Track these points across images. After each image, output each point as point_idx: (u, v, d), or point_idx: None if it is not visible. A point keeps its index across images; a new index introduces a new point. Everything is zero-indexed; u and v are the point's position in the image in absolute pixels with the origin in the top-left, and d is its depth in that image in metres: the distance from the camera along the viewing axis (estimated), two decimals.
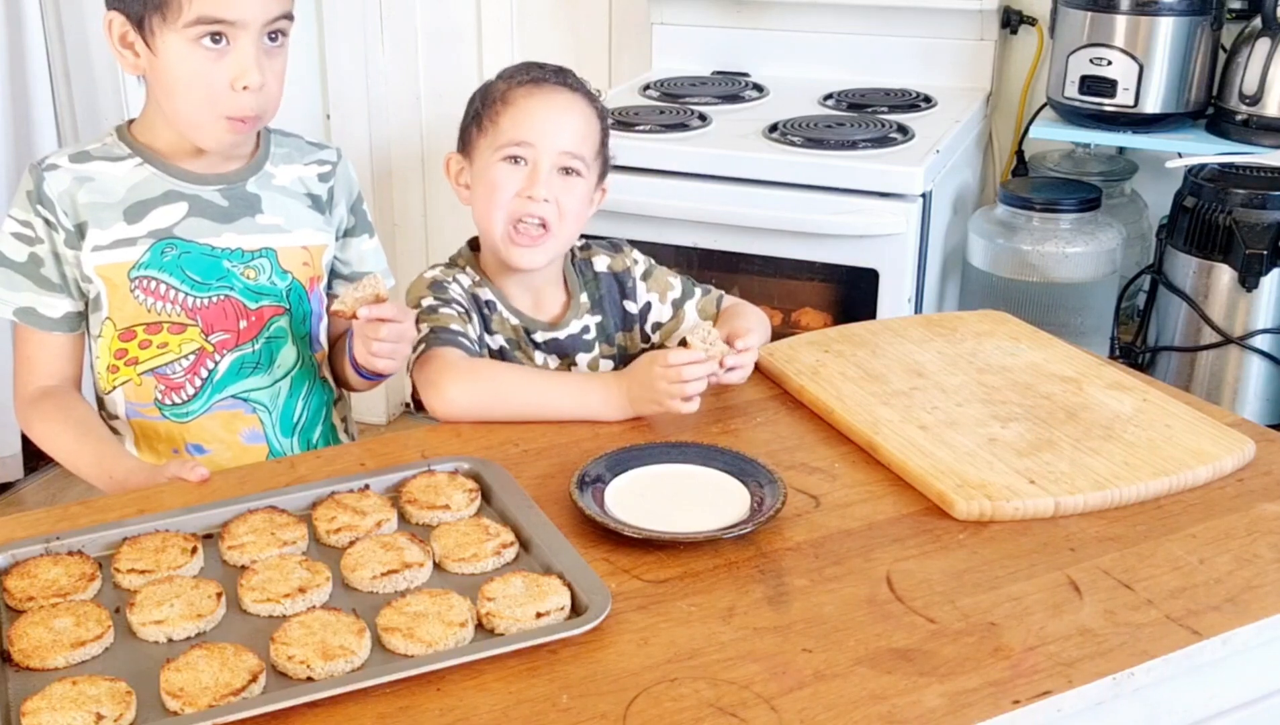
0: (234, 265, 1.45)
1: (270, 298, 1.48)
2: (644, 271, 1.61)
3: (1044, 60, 2.57)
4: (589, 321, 1.57)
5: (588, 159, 1.50)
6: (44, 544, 1.13)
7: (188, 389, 1.46)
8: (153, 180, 1.43)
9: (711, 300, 1.61)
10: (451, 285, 1.51)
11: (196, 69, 1.34)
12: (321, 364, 1.57)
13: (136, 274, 1.42)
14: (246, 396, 1.49)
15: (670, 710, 0.94)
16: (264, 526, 1.16)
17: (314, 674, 0.97)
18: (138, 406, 1.46)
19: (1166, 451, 1.30)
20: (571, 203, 1.48)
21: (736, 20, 2.76)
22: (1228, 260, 2.12)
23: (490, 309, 1.52)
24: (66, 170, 1.42)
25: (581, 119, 1.50)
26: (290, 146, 1.53)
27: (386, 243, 1.63)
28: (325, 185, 1.54)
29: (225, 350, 1.46)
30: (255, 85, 1.35)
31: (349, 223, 1.58)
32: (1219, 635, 1.03)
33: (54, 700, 0.93)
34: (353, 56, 3.02)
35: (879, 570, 1.12)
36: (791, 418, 1.43)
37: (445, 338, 1.44)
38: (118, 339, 1.44)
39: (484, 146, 1.50)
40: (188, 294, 1.43)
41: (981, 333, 1.61)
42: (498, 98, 1.50)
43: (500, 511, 1.21)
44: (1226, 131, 2.29)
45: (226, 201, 1.46)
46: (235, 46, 1.34)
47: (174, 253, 1.42)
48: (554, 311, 1.57)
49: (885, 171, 2.16)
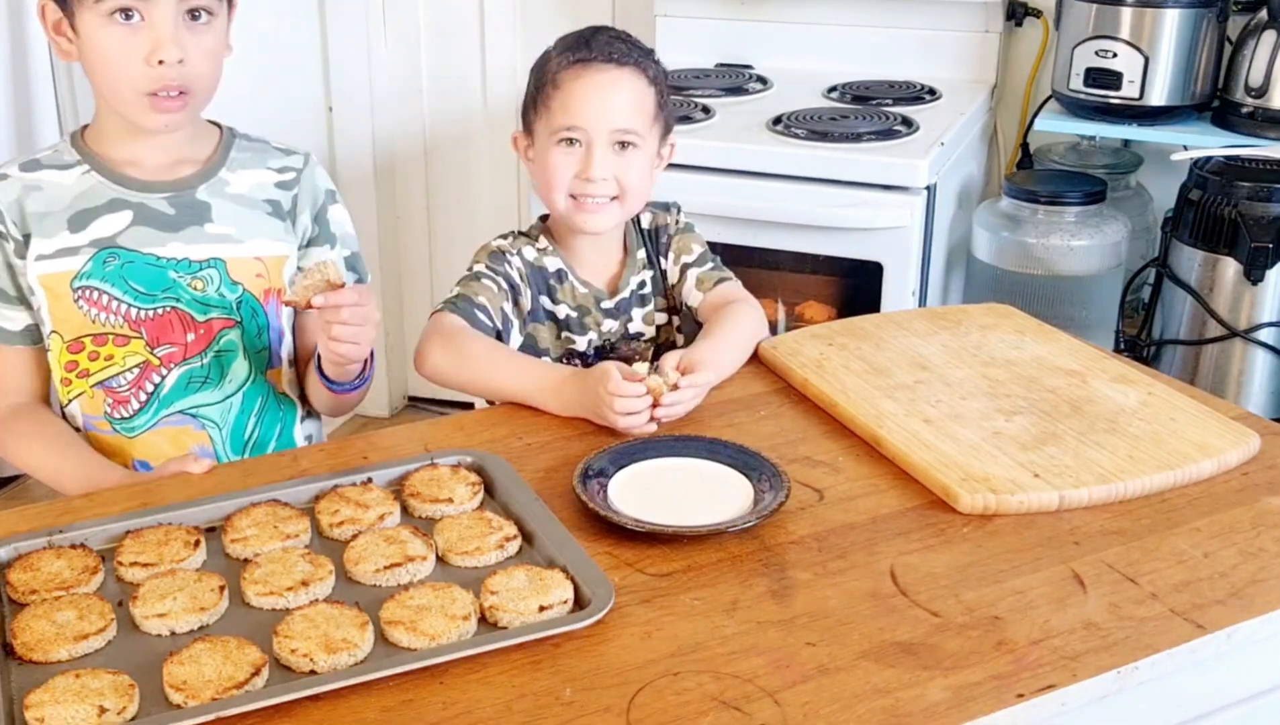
0: (180, 276, 1.42)
1: (219, 310, 1.44)
2: (677, 230, 1.64)
3: (1049, 52, 2.57)
4: (645, 276, 1.62)
5: (642, 130, 1.52)
6: (47, 537, 1.13)
7: (133, 403, 1.43)
8: (99, 188, 1.41)
9: (711, 278, 1.60)
10: (512, 257, 1.55)
11: (113, 45, 1.33)
12: (279, 381, 1.52)
13: (79, 284, 1.39)
14: (195, 412, 1.45)
15: (673, 704, 0.94)
16: (267, 520, 1.16)
17: (317, 667, 0.97)
18: (92, 419, 1.45)
19: (1171, 445, 1.29)
20: (630, 175, 1.51)
21: (740, 12, 2.75)
22: (1233, 253, 2.11)
23: (560, 280, 1.57)
24: (16, 180, 1.41)
25: (629, 93, 1.51)
26: (253, 151, 1.50)
27: (389, 235, 1.62)
28: (288, 192, 1.49)
29: (172, 363, 1.43)
30: (171, 59, 1.33)
31: (312, 232, 1.52)
32: (1223, 629, 1.03)
33: (57, 693, 0.93)
34: (355, 49, 3.01)
35: (883, 564, 1.12)
36: (795, 411, 1.42)
37: (459, 306, 1.49)
38: (66, 351, 1.42)
39: (541, 129, 1.53)
40: (130, 305, 1.40)
41: (986, 326, 1.61)
42: (549, 80, 1.51)
43: (503, 505, 1.21)
44: (1232, 124, 2.29)
45: (174, 210, 1.42)
46: (149, 22, 1.33)
47: (116, 262, 1.39)
48: (614, 270, 1.61)
49: (889, 164, 2.15)
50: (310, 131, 3.04)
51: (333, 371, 1.41)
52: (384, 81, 3.04)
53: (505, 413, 1.41)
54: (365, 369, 1.44)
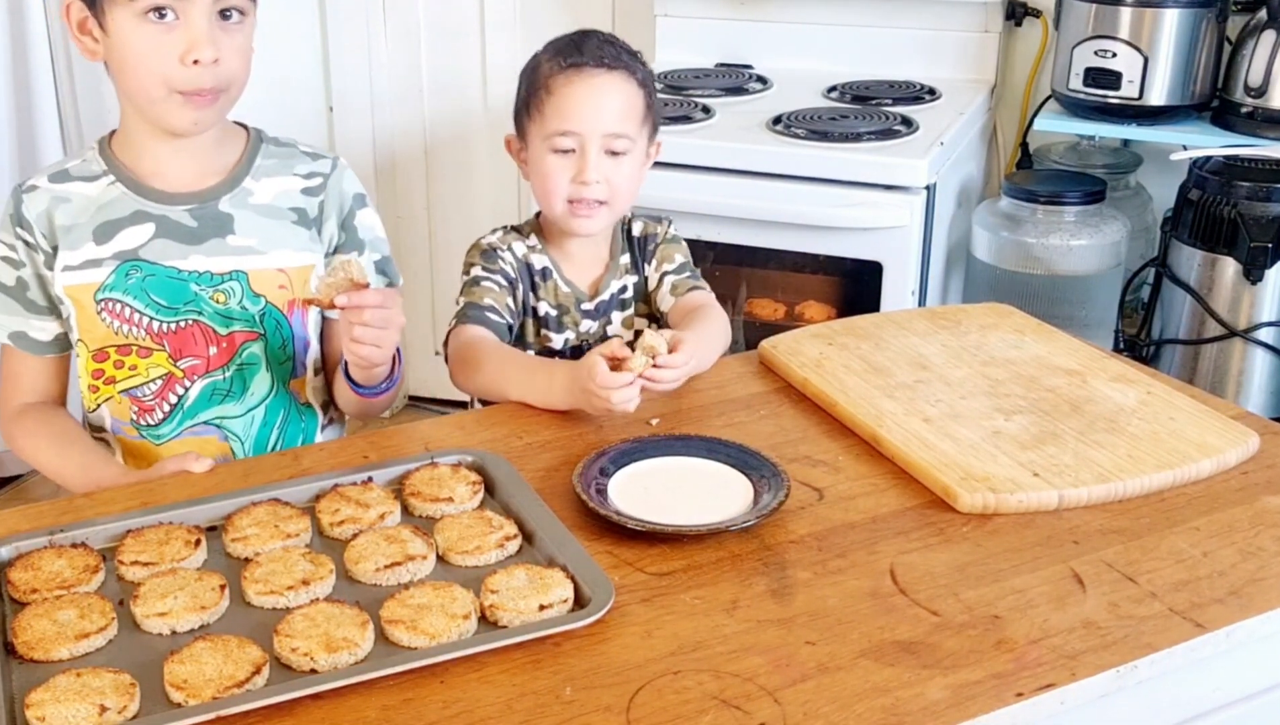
0: (202, 289, 1.42)
1: (242, 323, 1.44)
2: (663, 240, 1.64)
3: (1048, 52, 2.57)
4: (627, 281, 1.63)
5: (633, 133, 1.53)
6: (48, 536, 1.14)
7: (158, 413, 1.44)
8: (123, 200, 1.41)
9: (685, 285, 1.60)
10: (505, 252, 1.57)
11: (146, 44, 1.33)
12: (302, 390, 1.52)
13: (102, 296, 1.40)
14: (219, 423, 1.46)
15: (674, 703, 0.94)
16: (267, 519, 1.16)
17: (317, 666, 0.97)
18: (120, 424, 1.46)
19: (1170, 444, 1.29)
20: (621, 178, 1.53)
21: (740, 12, 2.76)
22: (1232, 253, 2.11)
23: (544, 277, 1.59)
24: (45, 191, 1.41)
25: (621, 97, 1.52)
26: (280, 157, 1.49)
27: (390, 236, 1.62)
28: (314, 199, 1.48)
29: (195, 376, 1.43)
30: (206, 59, 1.33)
31: (339, 239, 1.51)
32: (1222, 628, 1.03)
33: (58, 692, 0.93)
34: (355, 50, 3.02)
35: (882, 563, 1.12)
36: (795, 411, 1.42)
37: (474, 315, 1.51)
38: (92, 360, 1.42)
39: (535, 133, 1.54)
40: (153, 318, 1.41)
41: (986, 326, 1.61)
42: (541, 85, 1.52)
43: (503, 504, 1.21)
44: (1231, 124, 2.29)
45: (195, 222, 1.42)
46: (184, 21, 1.32)
47: (138, 275, 1.40)
48: (598, 272, 1.62)
49: (889, 164, 2.15)
50: (310, 132, 3.05)
51: (358, 375, 1.40)
52: (384, 81, 3.04)
53: (505, 412, 1.42)
54: (393, 371, 1.42)
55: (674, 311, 1.59)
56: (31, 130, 2.68)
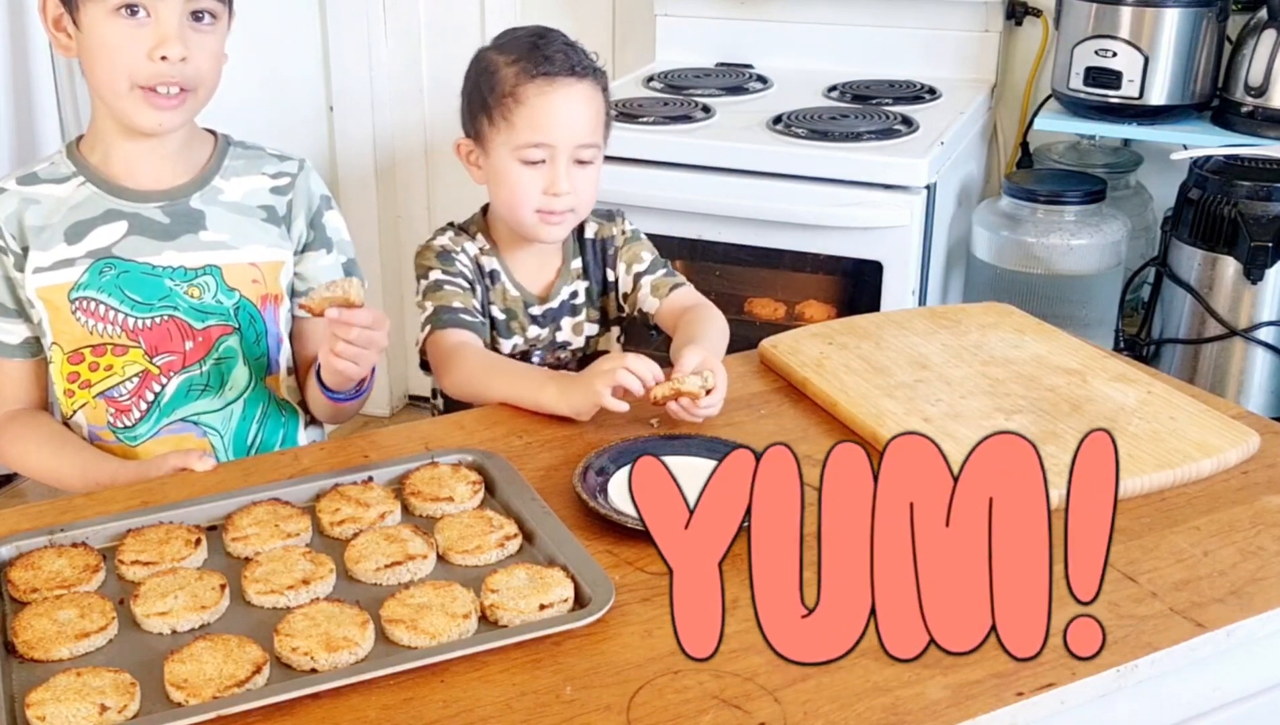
0: (176, 284, 1.42)
1: (217, 317, 1.44)
2: (624, 241, 1.63)
3: (1049, 52, 2.57)
4: (578, 286, 1.61)
5: (599, 141, 1.53)
6: (48, 536, 1.14)
7: (135, 412, 1.43)
8: (94, 199, 1.41)
9: (665, 285, 1.60)
10: (459, 255, 1.55)
11: (116, 39, 1.33)
12: (278, 387, 1.52)
13: (76, 295, 1.39)
14: (197, 419, 1.46)
15: (674, 702, 0.94)
16: (268, 518, 1.16)
17: (318, 665, 0.97)
18: (96, 429, 1.45)
19: (1171, 444, 1.29)
20: (587, 185, 1.53)
21: (740, 12, 2.76)
22: (1233, 252, 2.11)
23: (493, 280, 1.57)
24: (14, 193, 1.41)
25: (591, 106, 1.51)
26: (248, 158, 1.50)
27: (389, 235, 1.62)
28: (283, 198, 1.49)
29: (172, 372, 1.43)
30: (174, 56, 1.33)
31: (307, 237, 1.52)
32: (1223, 628, 1.03)
33: (58, 692, 0.93)
34: (356, 49, 3.02)
35: None
36: (795, 410, 1.42)
37: (448, 319, 1.50)
38: (67, 362, 1.42)
39: (498, 142, 1.51)
40: (128, 315, 1.41)
41: (986, 325, 1.61)
42: (508, 92, 1.49)
43: (504, 504, 1.21)
44: (1232, 123, 2.29)
45: (168, 218, 1.43)
46: (155, 19, 1.33)
47: (112, 272, 1.40)
48: (549, 277, 1.60)
49: (889, 163, 2.15)
50: (311, 132, 3.05)
51: (331, 380, 1.41)
52: (384, 81, 3.04)
53: (505, 412, 1.42)
54: (364, 382, 1.44)
55: (664, 314, 1.58)
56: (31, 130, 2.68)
